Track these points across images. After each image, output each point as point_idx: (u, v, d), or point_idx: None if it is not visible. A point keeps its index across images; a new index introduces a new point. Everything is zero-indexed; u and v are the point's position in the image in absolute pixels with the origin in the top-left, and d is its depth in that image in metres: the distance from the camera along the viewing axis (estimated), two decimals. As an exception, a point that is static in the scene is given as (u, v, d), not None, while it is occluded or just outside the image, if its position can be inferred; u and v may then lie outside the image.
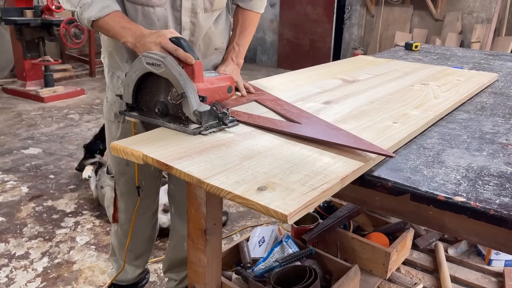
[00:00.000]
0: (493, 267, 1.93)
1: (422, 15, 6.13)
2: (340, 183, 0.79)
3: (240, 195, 0.72)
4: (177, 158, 0.85)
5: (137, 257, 1.76)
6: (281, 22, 7.28)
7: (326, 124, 1.07)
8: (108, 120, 1.48)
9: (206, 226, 1.15)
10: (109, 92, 1.44)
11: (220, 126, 1.02)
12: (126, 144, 0.92)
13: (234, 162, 0.84)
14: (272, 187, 0.74)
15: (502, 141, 1.07)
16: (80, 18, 1.20)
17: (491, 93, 1.58)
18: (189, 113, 0.98)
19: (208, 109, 0.99)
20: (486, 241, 0.82)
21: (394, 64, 2.01)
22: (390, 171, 0.88)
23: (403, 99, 1.35)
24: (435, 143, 1.05)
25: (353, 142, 0.92)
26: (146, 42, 1.10)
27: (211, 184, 0.76)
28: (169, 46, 1.06)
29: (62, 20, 4.63)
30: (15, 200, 2.70)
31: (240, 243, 1.72)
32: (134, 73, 1.05)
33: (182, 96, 0.97)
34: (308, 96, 1.37)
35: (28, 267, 2.09)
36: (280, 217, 0.67)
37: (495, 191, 0.81)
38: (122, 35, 1.17)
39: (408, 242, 1.88)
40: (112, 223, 1.68)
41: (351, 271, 1.52)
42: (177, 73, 0.98)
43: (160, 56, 1.00)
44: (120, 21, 1.18)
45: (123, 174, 1.52)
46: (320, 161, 0.86)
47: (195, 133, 0.97)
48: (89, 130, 4.04)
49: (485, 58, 2.41)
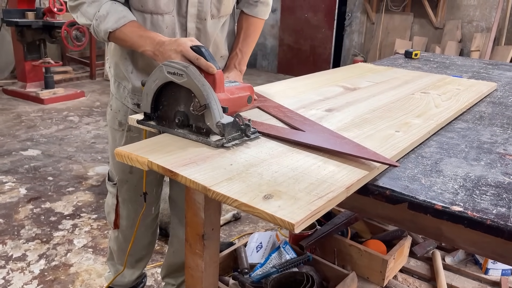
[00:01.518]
0: (490, 276, 1.94)
1: (422, 23, 6.16)
2: (346, 192, 0.79)
3: (246, 203, 0.72)
4: (183, 165, 0.85)
5: (137, 261, 1.75)
6: (281, 27, 7.31)
7: (329, 132, 1.08)
8: (112, 128, 1.47)
9: (204, 231, 1.15)
10: (113, 100, 1.44)
11: (242, 138, 0.98)
12: (131, 150, 0.91)
13: (239, 170, 0.84)
14: (278, 195, 0.74)
15: (500, 151, 1.08)
16: (96, 31, 1.18)
17: (489, 103, 1.59)
18: (212, 125, 0.95)
19: (231, 121, 0.95)
20: (483, 250, 0.82)
21: (394, 72, 2.02)
22: (388, 179, 0.89)
23: (405, 108, 1.36)
24: (433, 152, 1.05)
25: (357, 151, 0.93)
26: (166, 50, 1.08)
27: (217, 191, 0.75)
28: (191, 54, 1.04)
29: (64, 22, 4.64)
30: (13, 202, 2.70)
31: (237, 249, 1.73)
32: (154, 82, 1.01)
33: (205, 107, 0.94)
34: (310, 103, 1.37)
35: (25, 269, 2.08)
36: (287, 225, 0.67)
37: (492, 201, 0.81)
38: (140, 44, 1.14)
39: (406, 250, 1.88)
40: (113, 229, 1.67)
41: (348, 278, 1.52)
42: (200, 83, 0.95)
43: (182, 65, 0.97)
44: (137, 30, 1.16)
45: (126, 181, 1.52)
46: (325, 169, 0.86)
47: (217, 145, 0.94)
48: (88, 133, 4.04)
49: (484, 67, 2.42)
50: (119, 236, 1.66)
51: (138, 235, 1.60)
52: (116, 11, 1.16)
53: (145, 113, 1.06)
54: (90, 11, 1.17)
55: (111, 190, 1.57)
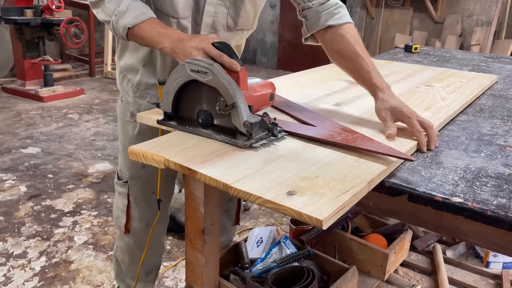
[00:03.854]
0: (491, 270, 1.93)
1: (422, 17, 6.13)
2: (368, 186, 0.78)
3: (271, 200, 0.71)
4: (200, 162, 0.84)
5: (149, 273, 1.63)
6: (281, 23, 7.29)
7: (340, 126, 1.06)
8: (123, 120, 1.40)
9: (204, 226, 1.14)
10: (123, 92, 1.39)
11: (270, 138, 0.95)
12: (146, 149, 0.89)
13: (258, 166, 0.83)
14: (301, 191, 0.73)
15: (500, 143, 1.07)
16: (115, 27, 1.15)
17: (490, 95, 1.59)
18: (239, 125, 0.91)
19: (259, 120, 0.92)
20: (484, 242, 0.82)
21: (395, 65, 2.01)
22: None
23: (412, 101, 1.35)
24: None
25: (373, 146, 0.92)
26: (187, 47, 1.02)
27: (239, 189, 0.74)
28: (213, 51, 0.98)
29: (62, 19, 4.63)
30: (13, 199, 2.70)
31: (238, 244, 1.72)
32: (176, 80, 0.97)
33: (232, 107, 0.90)
34: (317, 98, 1.36)
35: (25, 266, 2.08)
36: (314, 222, 0.67)
37: (493, 192, 0.81)
38: (159, 41, 1.09)
39: (406, 244, 1.88)
40: (123, 235, 1.53)
41: (348, 272, 1.52)
42: (226, 81, 0.90)
43: (206, 63, 0.92)
44: (156, 27, 1.12)
45: (138, 177, 1.42)
46: (343, 164, 0.86)
47: (245, 145, 0.91)
48: (88, 130, 4.04)
49: (484, 61, 2.41)
50: (131, 241, 1.54)
51: (153, 239, 1.50)
52: (136, 7, 1.12)
53: (165, 112, 1.02)
54: (110, 7, 1.14)
55: (121, 190, 1.47)
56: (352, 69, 1.18)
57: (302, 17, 1.29)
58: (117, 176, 1.50)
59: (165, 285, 2.01)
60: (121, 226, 1.51)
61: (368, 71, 1.13)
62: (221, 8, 1.22)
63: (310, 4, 1.24)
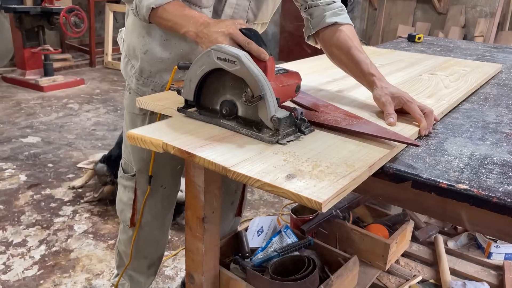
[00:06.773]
0: (492, 260, 1.92)
1: (425, 8, 6.08)
2: (368, 171, 0.78)
3: (269, 183, 0.70)
4: (199, 146, 0.83)
5: (151, 265, 1.62)
6: (282, 14, 7.23)
7: (344, 112, 1.05)
8: (131, 113, 1.35)
9: (204, 214, 1.13)
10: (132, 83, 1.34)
11: (297, 134, 0.90)
12: (145, 133, 0.88)
13: (257, 150, 0.82)
14: (300, 175, 0.73)
15: (506, 131, 1.06)
16: (139, 7, 1.10)
17: (494, 84, 1.56)
18: (265, 119, 0.86)
19: (287, 116, 0.87)
20: (488, 229, 0.81)
21: (398, 54, 1.99)
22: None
23: (415, 88, 1.34)
24: (437, 131, 1.03)
25: (376, 131, 0.91)
26: (212, 32, 0.96)
27: (238, 172, 0.73)
28: (241, 38, 0.93)
29: (62, 8, 4.59)
30: (13, 188, 2.69)
31: (238, 233, 1.71)
32: (200, 67, 0.91)
33: (260, 98, 0.85)
34: (319, 84, 1.35)
35: (25, 254, 2.08)
36: (313, 205, 0.66)
37: (499, 179, 0.79)
38: (183, 24, 1.03)
39: (408, 234, 1.87)
40: (127, 228, 1.50)
41: (349, 262, 1.51)
42: (255, 72, 0.85)
43: (234, 51, 0.86)
44: (181, 9, 1.06)
45: (146, 171, 1.38)
46: (344, 149, 0.85)
47: (271, 142, 0.85)
48: (88, 120, 4.02)
49: (488, 51, 2.38)
50: (138, 235, 1.50)
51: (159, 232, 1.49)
52: None
53: (186, 100, 0.97)
54: None
55: (127, 183, 1.44)
56: (349, 62, 1.18)
57: (307, 14, 1.28)
58: (122, 169, 1.46)
59: (165, 274, 2.01)
60: (126, 220, 1.49)
61: (366, 63, 1.14)
62: (243, 1, 1.20)
63: (318, 3, 1.25)
